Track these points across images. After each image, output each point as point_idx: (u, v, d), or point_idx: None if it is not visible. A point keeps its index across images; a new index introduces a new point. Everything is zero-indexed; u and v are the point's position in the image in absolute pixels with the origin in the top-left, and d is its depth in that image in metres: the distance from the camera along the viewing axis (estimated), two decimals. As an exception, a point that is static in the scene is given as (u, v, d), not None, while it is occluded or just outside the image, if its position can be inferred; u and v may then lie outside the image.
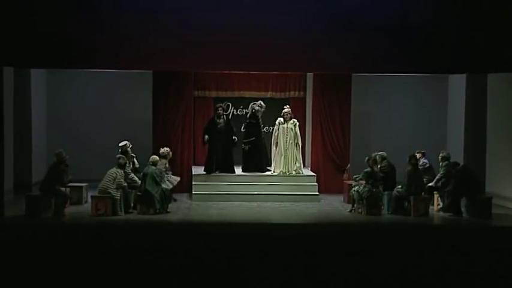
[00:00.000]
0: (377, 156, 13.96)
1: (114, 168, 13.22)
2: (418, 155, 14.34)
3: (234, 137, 15.65)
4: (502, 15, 12.26)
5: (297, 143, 15.65)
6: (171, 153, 14.52)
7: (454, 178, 13.53)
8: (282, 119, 15.77)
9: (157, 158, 13.79)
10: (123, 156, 13.44)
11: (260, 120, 15.85)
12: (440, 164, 14.10)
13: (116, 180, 13.11)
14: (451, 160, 14.09)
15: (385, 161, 13.96)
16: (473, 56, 12.49)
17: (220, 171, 15.53)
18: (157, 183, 13.32)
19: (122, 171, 13.28)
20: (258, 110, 15.72)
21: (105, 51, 12.29)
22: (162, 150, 14.41)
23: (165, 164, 14.24)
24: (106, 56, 12.38)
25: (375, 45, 12.46)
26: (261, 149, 15.78)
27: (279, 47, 12.40)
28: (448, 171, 13.86)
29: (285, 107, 15.92)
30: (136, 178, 13.63)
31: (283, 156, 15.59)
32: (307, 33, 12.40)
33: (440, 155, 14.17)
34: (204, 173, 15.50)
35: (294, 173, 15.57)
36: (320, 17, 12.34)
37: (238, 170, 15.74)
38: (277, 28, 12.29)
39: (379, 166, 13.99)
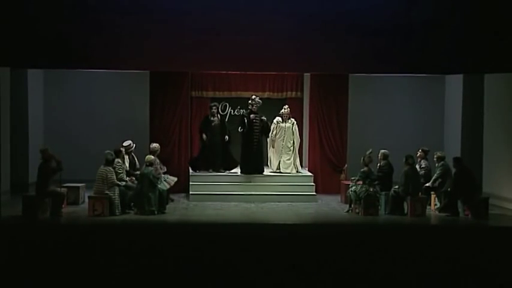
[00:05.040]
0: (378, 154, 13.98)
1: (102, 166, 13.13)
2: (419, 153, 14.38)
3: (226, 136, 15.70)
4: (498, 16, 12.27)
5: (294, 142, 15.71)
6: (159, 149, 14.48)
7: (453, 178, 13.56)
8: (280, 119, 15.82)
9: (153, 157, 13.77)
10: (111, 152, 13.36)
11: (251, 115, 15.63)
12: (436, 164, 14.13)
13: (108, 178, 13.05)
14: (447, 160, 14.14)
15: (386, 160, 13.95)
16: (470, 56, 12.50)
17: (214, 170, 15.56)
18: (154, 184, 13.30)
19: (111, 168, 13.20)
20: (249, 103, 15.70)
21: (103, 51, 12.27)
22: (153, 145, 14.41)
23: (156, 161, 14.12)
24: (103, 57, 12.36)
25: (371, 45, 12.46)
26: (253, 147, 15.65)
27: (276, 47, 12.39)
28: (445, 170, 13.90)
29: (284, 107, 15.96)
30: (123, 176, 13.56)
31: (279, 155, 15.70)
32: (304, 33, 12.40)
33: (437, 154, 14.18)
34: (192, 171, 15.56)
35: (294, 171, 15.68)
36: (317, 17, 12.34)
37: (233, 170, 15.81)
38: (274, 29, 12.29)
39: (378, 164, 14.01)
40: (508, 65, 12.54)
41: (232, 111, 17.07)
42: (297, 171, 15.78)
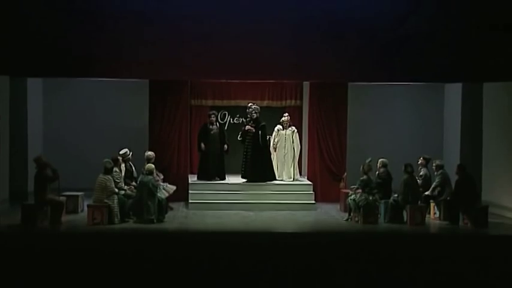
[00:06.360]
0: (377, 162, 14.01)
1: (101, 175, 13.11)
2: (420, 161, 14.39)
3: (225, 145, 15.71)
4: (497, 24, 12.30)
5: (294, 150, 15.78)
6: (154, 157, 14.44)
7: (454, 186, 13.56)
8: (280, 126, 15.87)
9: (153, 166, 13.76)
10: (109, 160, 13.34)
11: (247, 125, 15.65)
12: (435, 172, 14.13)
13: (107, 187, 13.02)
14: (446, 168, 14.15)
15: (384, 169, 13.97)
16: (469, 65, 12.52)
17: (214, 179, 15.56)
18: (154, 192, 13.28)
19: (110, 177, 13.18)
20: (247, 112, 15.74)
21: (102, 60, 12.29)
22: (147, 153, 14.38)
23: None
24: (103, 65, 12.38)
25: (370, 54, 12.50)
26: (245, 156, 15.64)
27: (275, 56, 12.42)
28: (444, 179, 13.90)
29: (284, 115, 16.02)
30: (122, 185, 13.56)
31: (281, 163, 15.81)
32: (303, 42, 12.43)
33: (436, 163, 14.18)
34: (198, 181, 15.56)
35: (292, 178, 15.77)
36: (316, 26, 12.37)
37: (233, 179, 15.76)
38: (273, 37, 12.32)
39: (377, 172, 14.02)
40: (506, 73, 12.57)
41: (231, 119, 17.09)
42: (293, 179, 15.82)
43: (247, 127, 15.60)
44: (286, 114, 16.09)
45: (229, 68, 12.72)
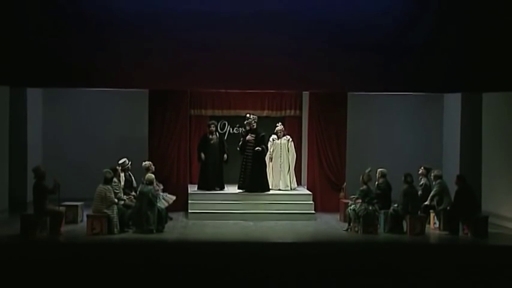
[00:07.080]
0: (377, 172, 14.01)
1: (101, 185, 13.09)
2: (421, 170, 14.40)
3: (224, 155, 15.70)
4: (496, 35, 12.33)
5: (289, 158, 15.85)
6: (152, 166, 14.39)
7: (453, 196, 13.55)
8: (275, 136, 15.92)
9: (153, 176, 13.75)
10: (109, 170, 13.32)
11: (247, 136, 15.67)
12: (433, 182, 14.13)
13: (106, 197, 13.00)
14: (445, 178, 14.15)
15: (384, 179, 13.96)
16: (468, 75, 12.54)
17: (213, 189, 15.56)
18: (153, 203, 13.26)
19: (110, 187, 13.16)
20: (245, 123, 15.77)
21: (102, 70, 12.31)
22: (144, 162, 14.37)
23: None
24: (103, 75, 12.39)
25: (370, 64, 12.52)
26: (244, 166, 15.68)
27: (275, 65, 12.44)
28: (442, 188, 13.90)
29: (277, 124, 16.08)
30: (121, 195, 13.55)
31: (278, 172, 15.85)
32: (302, 52, 12.45)
33: (434, 173, 14.19)
34: (199, 191, 15.54)
35: (289, 187, 15.80)
36: (316, 36, 12.40)
37: (233, 189, 15.76)
38: (272, 47, 12.35)
39: (376, 183, 14.02)
40: (505, 83, 12.59)
41: (231, 129, 17.10)
42: (291, 188, 15.84)
43: (248, 137, 15.60)
44: (280, 123, 16.16)
45: (229, 78, 12.74)
